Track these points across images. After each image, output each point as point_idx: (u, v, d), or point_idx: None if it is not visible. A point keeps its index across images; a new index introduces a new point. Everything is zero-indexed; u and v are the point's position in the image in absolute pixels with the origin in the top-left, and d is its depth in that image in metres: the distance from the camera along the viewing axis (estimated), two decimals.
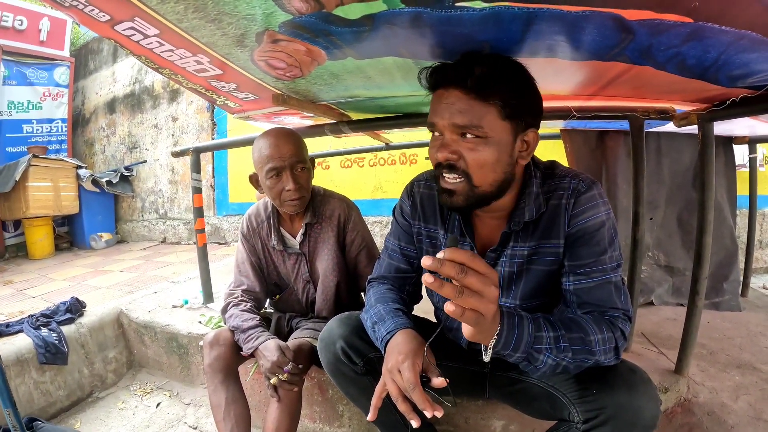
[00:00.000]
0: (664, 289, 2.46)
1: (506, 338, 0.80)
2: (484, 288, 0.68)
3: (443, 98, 0.90)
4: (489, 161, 0.90)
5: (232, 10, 0.92)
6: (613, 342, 0.90)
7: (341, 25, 0.91)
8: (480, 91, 0.86)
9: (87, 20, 1.09)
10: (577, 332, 0.88)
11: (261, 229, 1.67)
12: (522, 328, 0.82)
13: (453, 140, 0.91)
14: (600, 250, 0.97)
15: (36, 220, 5.24)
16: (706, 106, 1.40)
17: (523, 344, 0.82)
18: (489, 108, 0.87)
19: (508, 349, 0.82)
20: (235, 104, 1.71)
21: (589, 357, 0.88)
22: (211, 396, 1.45)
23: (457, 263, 0.67)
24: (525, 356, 0.84)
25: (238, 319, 1.50)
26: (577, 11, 0.76)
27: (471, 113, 0.87)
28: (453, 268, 0.66)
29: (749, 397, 1.54)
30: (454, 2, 0.76)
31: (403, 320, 1.06)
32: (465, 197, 0.93)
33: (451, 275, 0.67)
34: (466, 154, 0.90)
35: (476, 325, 0.72)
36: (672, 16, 0.74)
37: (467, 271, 0.67)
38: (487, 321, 0.72)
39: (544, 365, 0.86)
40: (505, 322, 0.80)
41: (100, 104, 6.65)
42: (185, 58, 1.24)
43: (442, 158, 0.91)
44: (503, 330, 0.79)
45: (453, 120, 0.89)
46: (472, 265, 0.68)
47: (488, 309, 0.71)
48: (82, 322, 2.42)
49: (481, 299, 0.69)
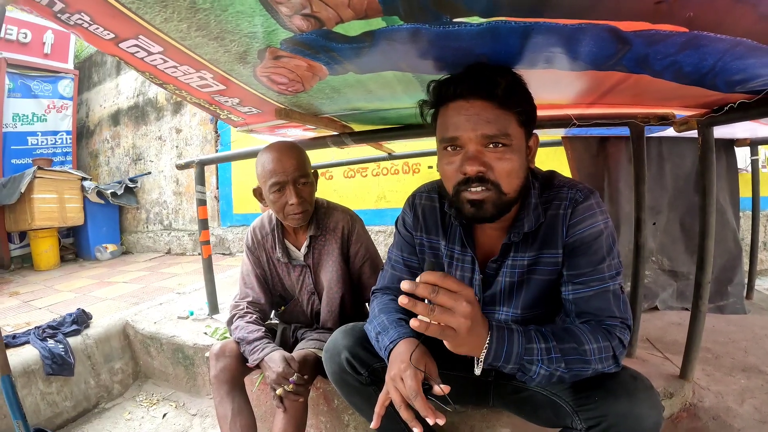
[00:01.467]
0: (668, 293, 2.45)
1: (496, 351, 0.84)
2: (455, 304, 0.74)
3: (464, 110, 0.91)
4: (515, 168, 0.93)
5: (235, 28, 0.94)
6: (610, 351, 0.91)
7: (341, 41, 0.92)
8: (506, 100, 0.89)
9: (92, 38, 1.10)
10: (570, 342, 0.89)
11: (266, 242, 1.69)
12: (512, 341, 0.85)
13: (479, 152, 0.91)
14: (598, 259, 0.97)
15: (41, 232, 5.28)
16: (705, 112, 1.41)
17: (514, 356, 0.85)
18: (510, 116, 0.91)
19: (499, 362, 0.85)
20: (239, 118, 1.73)
21: (585, 366, 0.89)
22: (218, 407, 1.46)
23: (430, 284, 0.74)
24: (518, 367, 0.87)
25: (243, 330, 1.51)
26: (574, 24, 0.78)
27: (498, 123, 0.89)
28: (426, 288, 0.73)
29: (755, 401, 1.53)
30: (451, 18, 0.78)
31: (406, 329, 1.07)
32: (494, 206, 0.93)
33: (425, 295, 0.73)
34: (494, 164, 0.91)
35: (450, 339, 0.77)
36: (667, 27, 0.75)
37: (438, 290, 0.73)
38: (461, 335, 0.76)
39: (537, 375, 0.88)
40: (495, 336, 0.84)
41: (105, 116, 6.70)
42: (189, 74, 1.26)
43: (473, 172, 0.90)
44: (492, 343, 0.83)
45: (482, 131, 0.89)
46: (443, 285, 0.74)
47: (460, 323, 0.75)
48: (88, 334, 2.44)
49: (452, 315, 0.74)
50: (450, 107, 0.94)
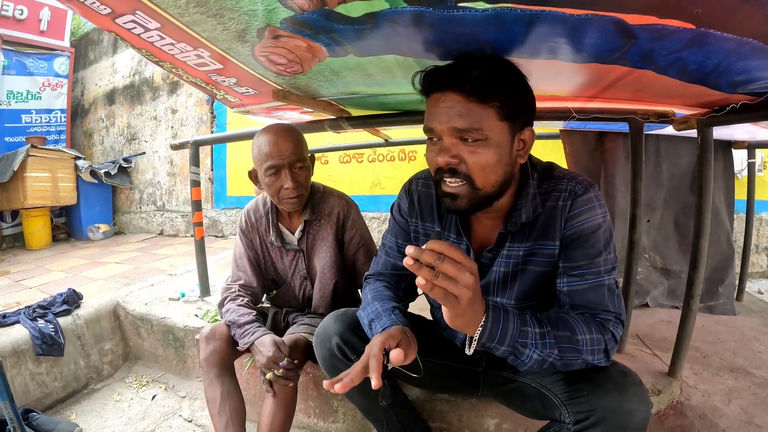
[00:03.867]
0: (659, 291, 2.47)
1: (490, 331, 0.84)
2: (458, 274, 0.73)
3: (440, 102, 0.90)
4: (490, 163, 0.91)
5: (234, 6, 0.92)
6: (602, 344, 0.91)
7: (343, 22, 0.90)
8: (478, 93, 0.86)
9: (88, 13, 1.08)
10: (565, 331, 0.90)
11: (259, 225, 1.67)
12: (507, 323, 0.85)
13: (453, 144, 0.91)
14: (594, 253, 0.97)
15: (33, 211, 5.22)
16: (705, 111, 1.41)
17: (508, 338, 0.85)
18: (487, 110, 0.88)
19: (492, 342, 0.85)
20: (235, 98, 1.71)
21: (576, 356, 0.89)
22: (207, 390, 1.46)
23: (436, 252, 0.73)
24: (511, 350, 0.87)
25: (234, 313, 1.50)
26: (580, 14, 0.76)
27: (470, 116, 0.87)
28: (431, 255, 0.72)
29: (741, 401, 1.55)
30: (456, 2, 0.76)
31: (399, 318, 1.07)
32: (468, 200, 0.94)
33: (429, 262, 0.72)
34: (467, 157, 0.90)
35: (449, 305, 0.76)
36: (674, 22, 0.74)
37: (444, 258, 0.72)
38: (461, 304, 0.76)
39: (529, 360, 0.88)
40: (490, 316, 0.84)
41: (100, 95, 6.61)
42: (186, 52, 1.24)
43: (443, 163, 0.91)
44: (487, 322, 0.83)
45: (452, 124, 0.88)
46: (448, 254, 0.73)
47: (461, 292, 0.74)
48: (78, 314, 2.42)
49: (455, 284, 0.74)
50: (431, 98, 0.94)
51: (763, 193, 3.30)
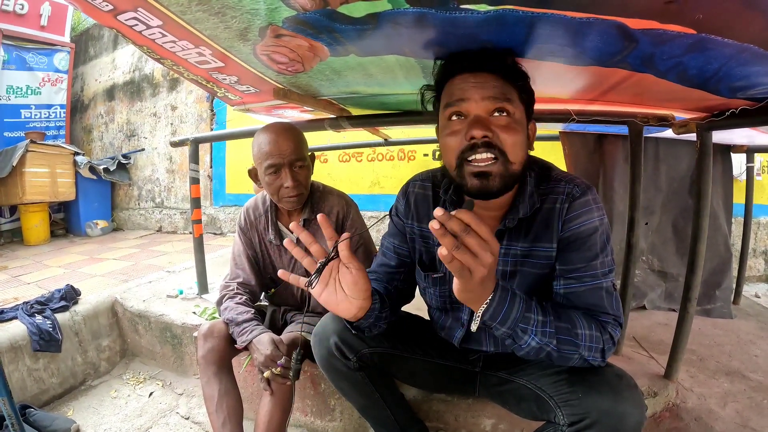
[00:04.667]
0: (656, 293, 2.47)
1: (495, 309, 0.84)
2: (480, 251, 0.72)
3: (472, 78, 0.93)
4: (519, 140, 0.94)
5: (236, 4, 0.92)
6: (600, 343, 0.92)
7: (345, 22, 0.90)
8: (508, 75, 0.94)
9: (90, 9, 1.08)
10: (566, 323, 0.90)
11: (258, 223, 1.67)
12: (512, 305, 0.85)
13: (486, 118, 0.92)
14: (591, 255, 0.98)
15: (32, 206, 5.21)
16: (705, 115, 1.41)
17: (510, 320, 0.86)
18: (513, 91, 0.94)
19: (494, 321, 0.85)
20: (236, 96, 1.70)
21: (574, 349, 0.90)
22: (204, 387, 1.46)
23: (464, 223, 0.71)
24: (510, 333, 0.88)
25: (233, 311, 1.50)
26: (582, 17, 0.76)
27: (503, 90, 0.92)
28: (458, 225, 0.70)
29: (737, 405, 1.56)
30: (458, 4, 0.76)
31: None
32: (501, 178, 0.93)
33: (455, 230, 0.70)
34: (500, 131, 0.91)
35: (462, 279, 0.76)
36: (676, 27, 0.75)
37: (470, 231, 0.71)
38: (474, 281, 0.75)
39: (527, 345, 0.89)
40: (498, 295, 0.83)
41: (100, 91, 6.60)
42: (187, 49, 1.23)
43: (480, 135, 0.90)
44: (493, 301, 0.83)
45: (488, 93, 0.91)
46: (475, 228, 0.71)
47: (478, 270, 0.73)
48: (76, 310, 2.42)
49: (474, 259, 0.72)
50: (456, 78, 0.96)
51: (762, 197, 3.31)
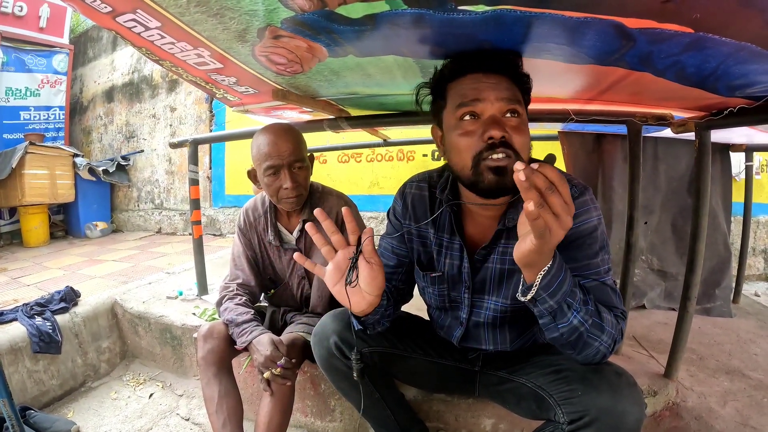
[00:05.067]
0: (656, 293, 2.48)
1: (553, 276, 0.83)
2: (562, 212, 0.70)
3: (484, 79, 0.94)
4: (527, 140, 0.96)
5: (235, 6, 0.92)
6: (616, 331, 0.93)
7: (343, 23, 0.91)
8: (516, 78, 0.97)
9: (88, 11, 1.08)
10: (595, 307, 0.91)
11: (258, 224, 1.67)
12: (566, 277, 0.86)
13: (500, 119, 0.93)
14: (593, 253, 0.98)
15: (31, 208, 5.21)
16: (703, 114, 1.41)
17: (561, 292, 0.85)
18: (519, 91, 0.97)
19: (547, 291, 0.85)
20: (235, 97, 1.71)
21: (599, 335, 0.90)
22: (204, 388, 1.46)
23: (549, 180, 0.69)
24: (556, 307, 0.87)
25: (232, 312, 1.50)
26: (579, 17, 0.77)
27: (514, 91, 0.95)
28: (543, 181, 0.69)
29: (737, 403, 1.56)
30: (456, 5, 0.77)
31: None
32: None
33: (539, 185, 0.69)
34: (512, 133, 0.92)
35: (540, 239, 0.74)
36: (673, 26, 0.75)
37: (555, 190, 0.69)
38: (551, 242, 0.75)
39: (566, 324, 0.88)
40: (557, 263, 0.83)
41: (99, 92, 6.59)
42: (186, 51, 1.24)
43: (498, 135, 0.90)
44: (553, 267, 0.83)
45: (503, 95, 0.93)
46: (560, 188, 0.70)
47: (558, 232, 0.72)
48: (76, 312, 2.42)
49: (556, 220, 0.71)
50: (467, 78, 0.96)
51: (761, 196, 3.32)
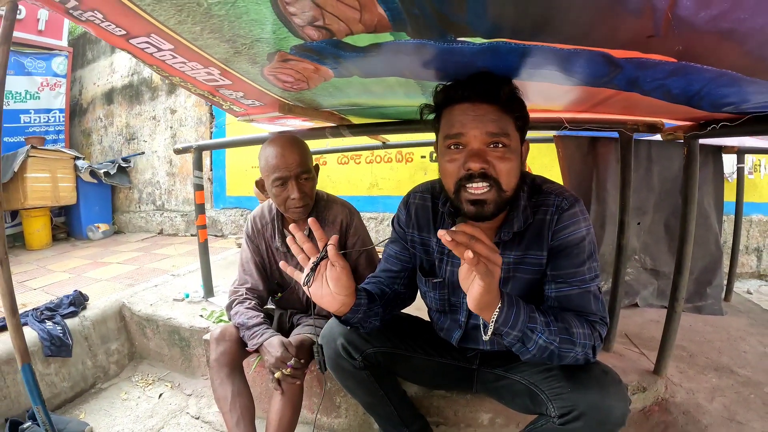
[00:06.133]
0: (649, 291, 2.54)
1: (506, 314, 0.91)
2: (489, 253, 0.80)
3: (471, 111, 0.98)
4: (513, 168, 1.00)
5: (247, 33, 0.98)
6: (592, 340, 0.99)
7: (350, 50, 0.97)
8: (505, 105, 0.99)
9: (102, 33, 1.13)
10: (562, 323, 0.98)
11: (265, 231, 1.74)
12: (519, 308, 0.93)
13: (483, 150, 0.98)
14: (579, 262, 1.05)
15: (33, 211, 5.24)
16: (693, 124, 1.47)
17: (520, 322, 0.92)
18: (510, 121, 1.00)
19: (506, 326, 0.92)
20: (241, 109, 1.76)
21: (571, 348, 0.97)
22: (218, 389, 1.52)
23: (468, 234, 0.79)
24: (520, 335, 0.94)
25: (243, 316, 1.57)
26: (569, 48, 0.83)
27: (501, 123, 0.98)
28: (464, 237, 0.79)
29: (724, 399, 1.63)
30: (455, 38, 0.83)
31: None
32: (495, 204, 1.00)
33: (462, 241, 0.78)
34: (496, 162, 0.97)
35: (486, 278, 0.82)
36: (657, 56, 0.81)
37: (476, 239, 0.79)
38: (493, 282, 0.83)
39: (535, 346, 0.95)
40: (505, 300, 0.91)
41: (98, 95, 6.61)
42: (196, 69, 1.29)
43: (477, 168, 0.96)
44: (503, 306, 0.90)
45: (488, 129, 0.97)
46: (479, 237, 0.79)
47: (495, 270, 0.82)
48: (85, 315, 2.49)
49: (488, 261, 0.80)
50: (456, 108, 1.01)
51: (753, 196, 3.39)
